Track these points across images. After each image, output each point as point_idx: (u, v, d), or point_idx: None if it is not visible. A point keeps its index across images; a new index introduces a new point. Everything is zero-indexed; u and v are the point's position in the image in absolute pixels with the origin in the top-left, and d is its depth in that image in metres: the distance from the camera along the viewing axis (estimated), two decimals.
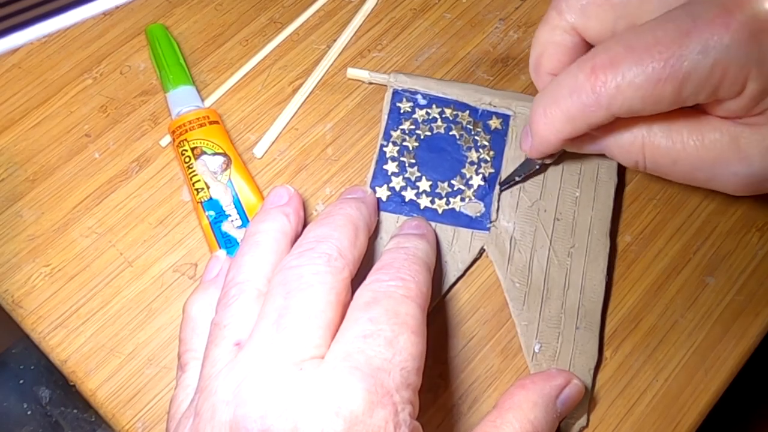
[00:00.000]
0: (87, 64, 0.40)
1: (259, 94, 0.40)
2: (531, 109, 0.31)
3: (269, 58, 0.41)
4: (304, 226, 0.31)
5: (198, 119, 0.36)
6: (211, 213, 0.35)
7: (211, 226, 0.35)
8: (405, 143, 0.37)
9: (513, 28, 0.42)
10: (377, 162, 0.37)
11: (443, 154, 0.37)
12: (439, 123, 0.37)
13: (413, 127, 0.37)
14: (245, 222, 0.35)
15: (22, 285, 0.35)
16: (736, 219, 0.38)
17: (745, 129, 0.27)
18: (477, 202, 0.36)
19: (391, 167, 0.36)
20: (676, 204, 0.38)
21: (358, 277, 0.28)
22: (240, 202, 0.35)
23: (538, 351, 0.34)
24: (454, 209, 0.36)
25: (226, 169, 0.36)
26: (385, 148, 0.37)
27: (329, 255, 0.27)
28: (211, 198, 0.35)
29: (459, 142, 0.37)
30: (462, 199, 0.36)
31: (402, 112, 0.38)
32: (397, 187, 0.36)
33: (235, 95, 0.39)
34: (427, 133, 0.37)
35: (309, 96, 0.40)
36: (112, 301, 0.34)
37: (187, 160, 0.36)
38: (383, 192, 0.36)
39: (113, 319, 0.34)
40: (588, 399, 0.33)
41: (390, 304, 0.26)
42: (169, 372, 0.33)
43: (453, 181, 0.36)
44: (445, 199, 0.36)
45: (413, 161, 0.37)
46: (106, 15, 0.41)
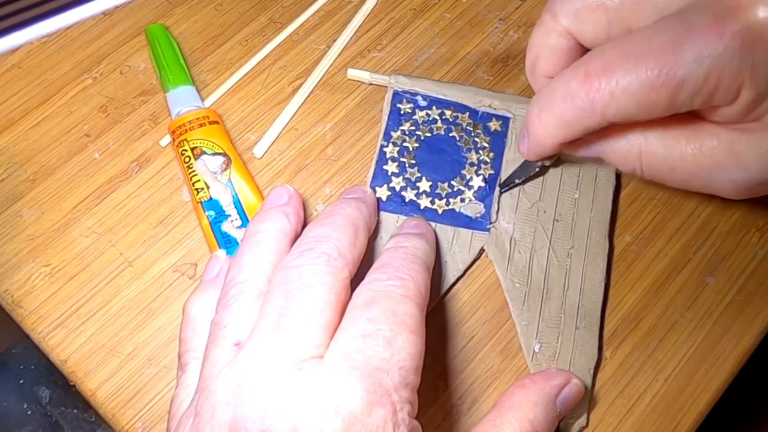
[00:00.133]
0: (87, 64, 0.40)
1: (259, 94, 0.40)
2: (527, 113, 0.31)
3: (269, 58, 0.41)
4: (304, 226, 0.31)
5: (198, 119, 0.36)
6: (211, 213, 0.35)
7: (211, 226, 0.35)
8: (405, 144, 0.37)
9: (513, 28, 0.42)
10: (377, 162, 0.37)
11: (443, 155, 0.37)
12: (439, 124, 0.37)
13: (413, 128, 0.37)
14: (245, 222, 0.35)
15: (22, 285, 0.35)
16: (735, 219, 0.38)
17: (741, 135, 0.28)
18: (477, 203, 0.36)
19: (392, 167, 0.36)
20: (676, 204, 0.38)
21: (358, 276, 0.28)
22: (240, 202, 0.35)
23: (538, 351, 0.34)
24: (454, 210, 0.36)
25: (226, 169, 0.36)
26: (385, 149, 0.37)
27: (329, 255, 0.27)
28: (211, 198, 0.35)
29: (459, 144, 0.37)
30: (462, 200, 0.36)
31: (402, 113, 0.38)
32: (398, 188, 0.36)
33: (235, 95, 0.39)
34: (428, 134, 0.37)
35: (309, 96, 0.40)
36: (112, 301, 0.35)
37: (187, 160, 0.36)
38: (383, 192, 0.36)
39: (113, 319, 0.34)
40: (588, 399, 0.33)
41: (388, 304, 0.26)
42: (169, 372, 0.33)
43: (453, 182, 0.36)
44: (445, 199, 0.36)
45: (413, 162, 0.37)
46: (106, 15, 0.41)
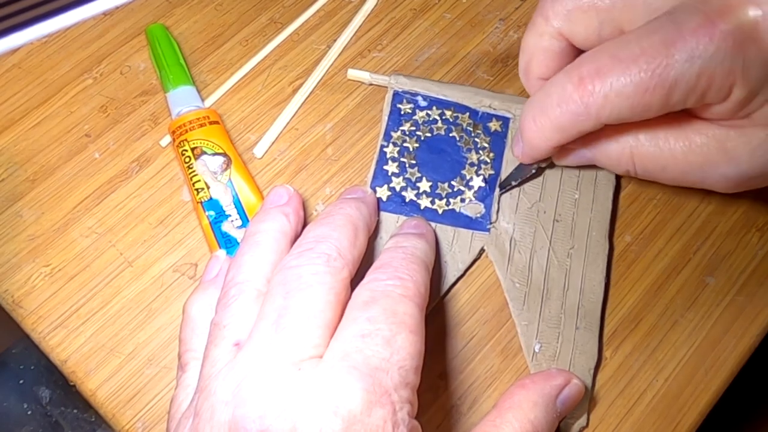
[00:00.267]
0: (87, 64, 0.40)
1: (259, 94, 0.40)
2: (521, 117, 0.32)
3: (269, 58, 0.41)
4: (304, 226, 0.31)
5: (198, 119, 0.36)
6: (211, 213, 0.35)
7: (211, 226, 0.35)
8: (405, 144, 0.37)
9: (513, 28, 0.42)
10: (377, 162, 0.37)
11: (443, 155, 0.37)
12: (439, 125, 0.37)
13: (413, 128, 0.37)
14: (245, 222, 0.35)
15: (22, 285, 0.35)
16: (736, 219, 0.37)
17: (731, 131, 0.28)
18: (477, 203, 0.36)
19: (392, 168, 0.36)
20: (676, 204, 0.38)
21: (358, 276, 0.28)
22: (240, 202, 0.35)
23: (538, 351, 0.34)
24: (454, 210, 0.36)
25: (226, 169, 0.36)
26: (385, 149, 0.37)
27: (328, 255, 0.27)
28: (211, 198, 0.35)
29: (459, 144, 0.37)
30: (462, 200, 0.36)
31: (402, 113, 0.38)
32: (398, 188, 0.36)
33: (235, 95, 0.39)
34: (428, 134, 0.37)
35: (309, 96, 0.40)
36: (112, 301, 0.35)
37: (187, 160, 0.36)
38: (383, 192, 0.36)
39: (113, 319, 0.34)
40: (588, 399, 0.33)
41: (388, 304, 0.26)
42: (169, 372, 0.33)
43: (453, 182, 0.36)
44: (445, 199, 0.36)
45: (413, 162, 0.37)
46: (106, 15, 0.41)
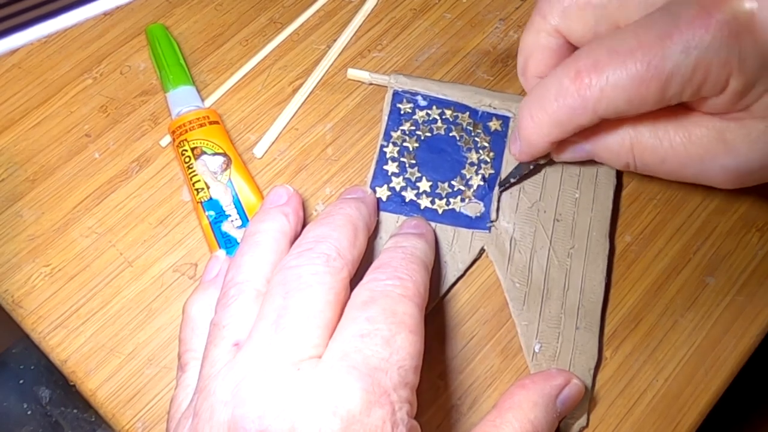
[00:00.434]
0: (87, 64, 0.40)
1: (259, 94, 0.40)
2: (518, 114, 0.32)
3: (269, 58, 0.41)
4: (304, 226, 0.31)
5: (198, 119, 0.36)
6: (211, 213, 0.35)
7: (211, 226, 0.35)
8: (405, 144, 0.37)
9: (513, 28, 0.42)
10: (377, 162, 0.37)
11: (443, 155, 0.37)
12: (439, 124, 0.37)
13: (413, 128, 0.37)
14: (245, 222, 0.35)
15: (22, 285, 0.35)
16: (736, 219, 0.37)
17: (730, 123, 0.28)
18: (477, 202, 0.36)
19: (392, 167, 0.36)
20: (676, 204, 0.38)
21: (358, 276, 0.28)
22: (240, 202, 0.35)
23: (538, 351, 0.34)
24: (454, 210, 0.36)
25: (226, 169, 0.36)
26: (385, 149, 0.37)
27: (328, 255, 0.27)
28: (211, 198, 0.35)
29: (459, 143, 0.37)
30: (462, 200, 0.36)
31: (402, 113, 0.38)
32: (398, 188, 0.36)
33: (235, 95, 0.39)
34: (428, 134, 0.37)
35: (309, 96, 0.40)
36: (112, 301, 0.35)
37: (187, 160, 0.36)
38: (383, 192, 0.36)
39: (113, 319, 0.34)
40: (588, 399, 0.33)
41: (387, 303, 0.26)
42: (169, 372, 0.33)
43: (453, 182, 0.36)
44: (445, 199, 0.36)
45: (413, 162, 0.37)
46: (106, 15, 0.41)
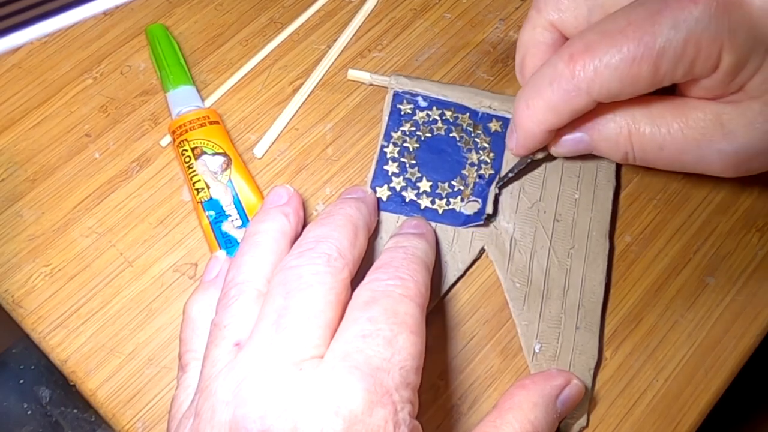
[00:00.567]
0: (87, 64, 0.40)
1: (259, 94, 0.40)
2: (514, 105, 0.32)
3: (269, 58, 0.41)
4: (304, 226, 0.31)
5: (198, 119, 0.36)
6: (211, 213, 0.35)
7: (211, 226, 0.35)
8: (405, 144, 0.37)
9: (513, 28, 0.42)
10: (378, 162, 0.37)
11: (443, 155, 0.37)
12: (439, 125, 0.37)
13: (414, 128, 0.37)
14: (245, 222, 0.35)
15: (22, 285, 0.35)
16: (736, 219, 0.37)
17: (726, 106, 0.28)
18: (475, 199, 0.36)
19: (392, 168, 0.36)
20: (676, 204, 0.38)
21: (358, 276, 0.28)
22: (240, 202, 0.35)
23: (538, 351, 0.34)
24: (454, 209, 0.36)
25: (226, 169, 0.36)
26: (385, 149, 0.37)
27: (329, 255, 0.27)
28: (211, 198, 0.35)
29: (459, 144, 0.37)
30: (462, 200, 0.36)
31: (403, 113, 0.38)
32: (398, 188, 0.36)
33: (235, 95, 0.39)
34: (428, 134, 0.37)
35: (309, 96, 0.40)
36: (112, 301, 0.34)
37: (187, 160, 0.36)
38: (384, 192, 0.36)
39: (113, 319, 0.34)
40: (588, 399, 0.33)
41: (388, 304, 0.26)
42: (169, 372, 0.33)
43: (453, 182, 0.36)
44: (445, 199, 0.36)
45: (414, 162, 0.37)
46: (107, 15, 0.41)
